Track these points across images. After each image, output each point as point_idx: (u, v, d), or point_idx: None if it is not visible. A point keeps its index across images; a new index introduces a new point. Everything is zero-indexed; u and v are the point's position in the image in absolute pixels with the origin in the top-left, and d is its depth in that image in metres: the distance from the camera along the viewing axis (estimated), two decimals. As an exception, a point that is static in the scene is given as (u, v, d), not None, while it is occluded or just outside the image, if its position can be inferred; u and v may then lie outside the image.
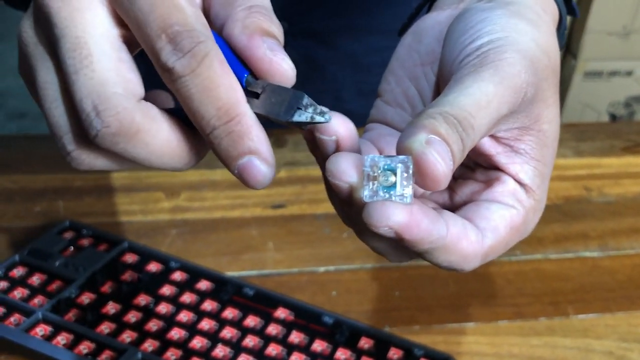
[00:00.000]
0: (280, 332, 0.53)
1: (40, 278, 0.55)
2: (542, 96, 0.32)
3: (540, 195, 0.33)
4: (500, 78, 0.30)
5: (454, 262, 0.30)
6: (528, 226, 0.33)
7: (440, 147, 0.27)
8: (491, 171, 0.34)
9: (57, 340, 0.50)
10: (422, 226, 0.27)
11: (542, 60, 0.32)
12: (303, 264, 0.62)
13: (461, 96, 0.29)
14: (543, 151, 0.32)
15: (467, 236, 0.30)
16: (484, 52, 0.31)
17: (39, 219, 0.64)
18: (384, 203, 0.26)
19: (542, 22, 0.34)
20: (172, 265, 0.58)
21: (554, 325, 0.57)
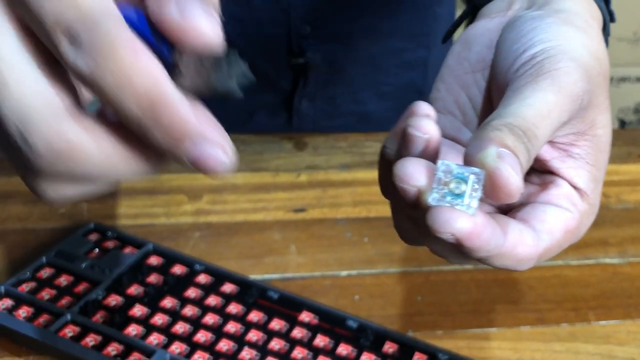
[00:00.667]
0: (305, 336, 0.53)
1: (67, 279, 0.56)
2: (596, 102, 0.32)
3: (594, 199, 0.34)
4: (558, 87, 0.30)
5: (509, 265, 0.31)
6: (581, 230, 0.34)
7: (511, 160, 0.27)
8: (546, 175, 0.34)
9: (85, 341, 0.51)
10: (483, 236, 0.28)
11: (595, 67, 0.32)
12: (325, 268, 0.62)
13: (523, 107, 0.30)
14: (597, 156, 0.33)
15: (524, 241, 0.30)
16: (539, 61, 0.32)
17: (64, 221, 0.65)
18: (450, 209, 0.27)
19: (591, 29, 0.35)
20: (196, 268, 0.58)
21: (576, 332, 0.58)
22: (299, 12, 0.73)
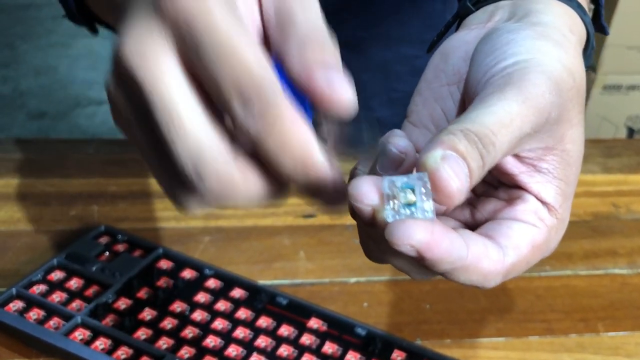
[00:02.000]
0: (314, 343, 0.53)
1: (77, 282, 0.56)
2: (567, 117, 0.32)
3: (563, 214, 0.33)
4: (524, 98, 0.30)
5: (475, 280, 0.30)
6: (550, 244, 0.33)
7: (455, 163, 0.27)
8: (513, 190, 0.34)
9: (95, 345, 0.51)
10: (443, 246, 0.27)
11: (568, 82, 0.32)
12: (334, 274, 0.62)
13: (484, 114, 0.29)
14: (566, 170, 0.33)
15: (488, 255, 0.30)
16: (508, 72, 0.31)
17: (74, 223, 0.65)
18: (405, 221, 0.27)
19: (568, 44, 0.34)
20: (206, 273, 0.58)
21: (585, 342, 0.58)
22: None
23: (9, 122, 2.49)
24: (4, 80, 2.74)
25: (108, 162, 0.74)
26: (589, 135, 1.32)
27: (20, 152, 0.75)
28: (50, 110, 2.57)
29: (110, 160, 0.74)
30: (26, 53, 2.93)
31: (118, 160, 0.74)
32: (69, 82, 2.75)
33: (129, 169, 0.73)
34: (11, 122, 2.49)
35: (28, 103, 2.60)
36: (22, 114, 2.54)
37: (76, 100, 2.64)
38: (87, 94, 2.67)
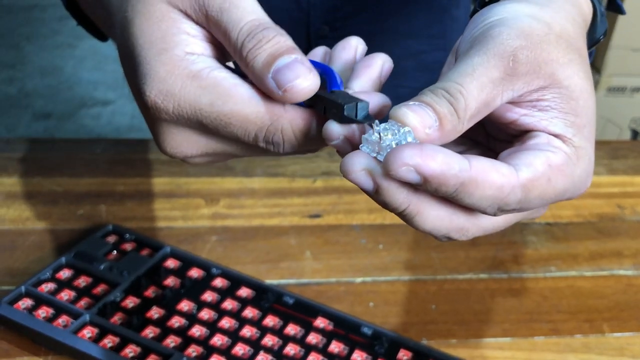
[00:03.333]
0: (320, 342, 0.54)
1: (85, 281, 0.56)
2: (549, 57, 0.32)
3: (580, 142, 0.32)
4: (484, 49, 0.32)
5: (492, 196, 0.30)
6: (575, 171, 0.32)
7: (416, 107, 0.30)
8: (524, 134, 0.34)
9: (103, 342, 0.51)
10: (439, 159, 0.28)
11: (539, 28, 0.33)
12: (340, 274, 0.63)
13: (450, 73, 0.32)
14: (571, 104, 0.33)
15: (497, 169, 0.30)
16: (474, 36, 0.33)
17: (82, 222, 0.66)
18: (394, 149, 0.28)
19: (549, 3, 0.35)
20: (213, 272, 0.59)
21: (590, 343, 0.58)
22: (318, 12, 0.74)
23: (15, 122, 2.50)
24: (9, 80, 2.74)
25: (115, 162, 0.75)
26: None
27: (29, 152, 0.75)
28: (55, 110, 2.57)
29: (117, 160, 0.75)
30: (32, 54, 2.94)
31: (125, 160, 0.75)
32: (74, 83, 2.76)
33: (136, 168, 0.73)
34: (17, 123, 2.50)
35: (34, 103, 2.60)
36: (27, 115, 2.54)
37: (81, 100, 2.64)
38: (92, 94, 2.68)
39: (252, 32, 0.32)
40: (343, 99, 0.32)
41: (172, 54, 0.33)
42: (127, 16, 0.34)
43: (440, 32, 0.81)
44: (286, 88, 0.31)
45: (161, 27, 0.33)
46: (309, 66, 0.32)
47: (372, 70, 0.35)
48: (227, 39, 0.33)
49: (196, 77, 0.33)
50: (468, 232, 0.32)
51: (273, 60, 0.32)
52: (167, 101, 0.33)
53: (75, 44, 2.98)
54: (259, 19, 0.33)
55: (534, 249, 0.68)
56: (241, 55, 0.32)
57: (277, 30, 0.33)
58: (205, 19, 0.34)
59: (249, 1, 0.33)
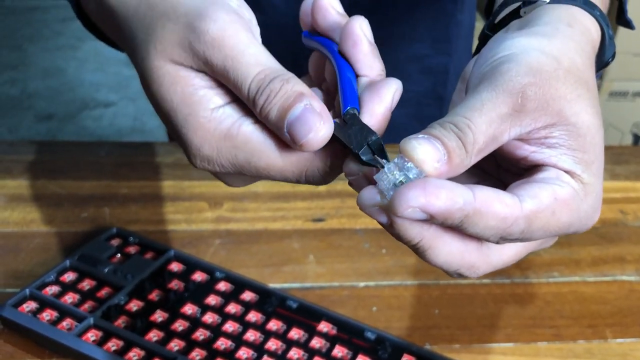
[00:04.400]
0: (324, 346, 0.54)
1: (90, 284, 0.57)
2: (557, 94, 0.33)
3: (588, 179, 0.33)
4: (493, 86, 0.32)
5: (495, 227, 0.30)
6: (581, 206, 0.32)
7: (423, 140, 0.30)
8: (534, 168, 0.34)
9: (107, 346, 0.51)
10: (442, 196, 0.29)
11: (548, 63, 0.33)
12: (343, 278, 0.63)
13: (458, 108, 0.32)
14: (578, 141, 0.33)
15: (501, 199, 0.30)
16: (483, 72, 0.34)
17: (86, 224, 0.66)
18: (400, 190, 0.29)
19: (557, 33, 0.36)
20: (217, 276, 0.59)
21: (593, 349, 0.58)
22: None
23: (17, 123, 2.50)
24: (12, 82, 2.75)
25: (119, 165, 0.75)
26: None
27: (33, 154, 0.75)
28: (57, 112, 2.58)
29: (121, 163, 0.75)
30: (34, 55, 2.94)
31: (129, 163, 0.75)
32: (76, 84, 2.76)
33: (140, 171, 0.74)
34: (19, 124, 2.50)
35: (36, 105, 2.61)
36: (29, 116, 2.55)
37: (83, 102, 2.65)
38: (94, 96, 2.69)
39: (260, 87, 0.33)
40: (356, 138, 0.33)
41: (199, 118, 0.34)
42: (141, 75, 0.36)
43: (444, 37, 0.81)
44: (302, 144, 0.32)
45: (177, 91, 0.34)
46: (319, 111, 0.32)
47: (383, 103, 0.35)
48: (239, 93, 0.34)
49: (228, 138, 0.34)
50: (479, 270, 0.33)
51: (285, 113, 0.32)
52: (210, 165, 0.35)
53: (77, 45, 2.98)
54: (263, 70, 0.33)
55: (537, 255, 0.68)
56: (256, 111, 0.34)
57: (283, 76, 0.33)
58: (212, 73, 0.34)
59: (250, 51, 0.34)
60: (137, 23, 0.37)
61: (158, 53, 0.35)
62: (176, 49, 0.34)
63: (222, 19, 0.34)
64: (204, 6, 0.34)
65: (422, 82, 0.84)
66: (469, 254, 0.32)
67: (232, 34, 0.33)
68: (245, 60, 0.33)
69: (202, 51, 0.34)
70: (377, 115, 0.34)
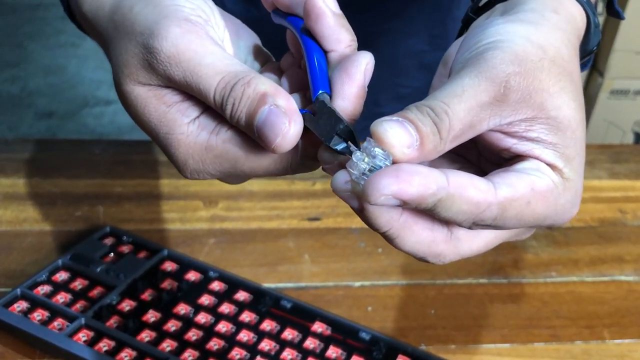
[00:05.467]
0: (317, 347, 0.53)
1: (82, 283, 0.56)
2: (541, 86, 0.32)
3: (570, 174, 0.32)
4: (476, 72, 0.31)
5: (468, 211, 0.30)
6: (558, 200, 0.32)
7: (395, 123, 0.30)
8: (515, 158, 0.34)
9: (99, 346, 0.51)
10: (415, 183, 0.28)
11: (534, 53, 0.32)
12: (339, 278, 0.62)
13: (438, 92, 0.31)
14: (558, 135, 0.32)
15: (475, 185, 0.30)
16: (467, 57, 0.33)
17: (80, 223, 0.65)
18: (373, 178, 0.28)
19: (544, 21, 0.35)
20: (210, 275, 0.58)
21: (591, 350, 0.57)
22: None
23: (17, 121, 2.50)
24: (12, 79, 2.75)
25: (114, 163, 0.74)
26: (595, 140, 1.33)
27: (27, 152, 0.75)
28: (58, 109, 2.57)
29: (116, 161, 0.75)
30: (35, 53, 2.94)
31: (124, 161, 0.74)
32: (77, 82, 2.76)
33: (135, 169, 0.73)
34: (19, 122, 2.50)
35: (36, 102, 2.60)
36: (30, 113, 2.54)
37: (84, 100, 2.64)
38: (95, 93, 2.68)
39: (223, 97, 0.33)
40: (325, 127, 0.32)
41: (177, 135, 0.34)
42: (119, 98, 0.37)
43: (441, 33, 0.81)
44: (273, 148, 0.32)
45: (151, 112, 0.35)
46: (285, 109, 0.32)
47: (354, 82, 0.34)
48: (208, 103, 0.34)
49: (209, 149, 0.34)
50: (445, 258, 0.33)
51: (252, 119, 0.32)
52: (200, 175, 0.36)
53: (78, 43, 2.98)
54: (223, 78, 0.33)
55: (534, 254, 0.67)
56: (226, 117, 0.33)
57: (244, 79, 0.33)
58: (178, 87, 0.34)
59: (207, 62, 0.33)
60: (108, 43, 0.38)
61: (126, 77, 0.35)
62: (141, 71, 0.34)
63: (173, 34, 0.33)
64: (155, 22, 0.34)
65: (420, 78, 0.83)
66: (436, 245, 0.32)
67: (185, 47, 0.33)
68: (204, 73, 0.33)
69: (162, 70, 0.34)
70: (350, 96, 0.33)
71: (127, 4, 0.36)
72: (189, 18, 0.34)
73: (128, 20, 0.36)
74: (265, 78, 0.33)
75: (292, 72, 0.38)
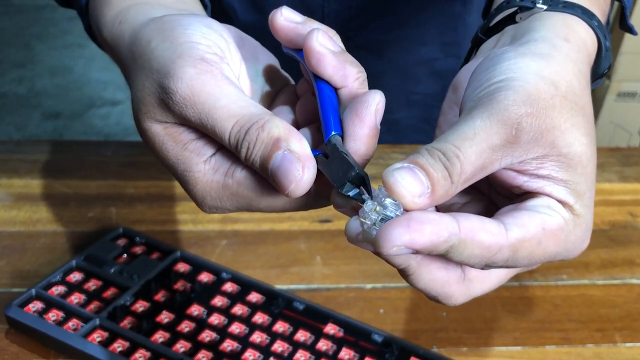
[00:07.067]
0: (330, 349, 0.53)
1: (95, 284, 0.56)
2: (552, 124, 0.32)
3: (580, 211, 0.33)
4: (488, 114, 0.31)
5: (479, 255, 0.30)
6: (569, 237, 0.32)
7: (407, 171, 0.30)
8: (526, 194, 0.34)
9: (113, 347, 0.51)
10: (426, 232, 0.28)
11: (546, 90, 0.32)
12: (350, 280, 0.62)
13: (449, 133, 0.31)
14: (569, 173, 0.33)
15: (486, 229, 0.30)
16: (479, 96, 0.33)
17: (92, 224, 0.66)
18: (384, 229, 0.28)
19: (555, 52, 0.35)
20: (223, 277, 0.59)
21: (602, 353, 0.57)
22: (332, 22, 0.74)
23: (24, 121, 2.51)
24: (19, 80, 2.75)
25: (126, 165, 0.75)
26: (602, 143, 1.32)
27: (39, 154, 0.75)
28: (65, 110, 2.58)
29: (128, 163, 0.75)
30: (42, 53, 2.95)
31: (136, 163, 0.75)
32: (83, 83, 2.77)
33: (146, 171, 0.73)
34: (26, 122, 2.51)
35: (43, 103, 2.61)
36: (37, 114, 2.55)
37: (91, 100, 2.65)
38: (101, 94, 2.69)
39: (238, 141, 0.33)
40: (337, 173, 0.32)
41: (194, 173, 0.35)
42: (139, 133, 0.37)
43: (453, 40, 0.81)
44: (288, 193, 0.32)
45: (169, 150, 0.36)
46: (299, 155, 0.32)
47: (365, 124, 0.34)
48: (223, 144, 0.34)
49: (225, 187, 0.35)
50: (456, 301, 0.34)
51: (266, 164, 0.33)
52: (218, 211, 0.36)
53: (85, 44, 2.99)
54: (238, 122, 0.33)
55: (545, 257, 0.67)
56: (241, 159, 0.34)
57: (258, 123, 0.33)
58: (193, 126, 0.35)
59: (221, 104, 0.33)
60: (128, 73, 0.39)
61: (143, 115, 0.35)
62: (157, 110, 0.35)
63: (188, 76, 0.34)
64: (171, 61, 0.34)
65: (431, 85, 0.83)
66: (449, 285, 0.33)
67: (200, 89, 0.33)
68: (218, 116, 0.33)
69: (178, 111, 0.34)
70: (361, 137, 0.33)
71: (145, 37, 0.37)
72: (204, 57, 0.35)
73: (146, 54, 0.36)
74: (279, 120, 0.33)
75: (307, 99, 0.38)
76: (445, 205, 0.36)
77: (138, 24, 0.38)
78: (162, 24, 0.36)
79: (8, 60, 2.88)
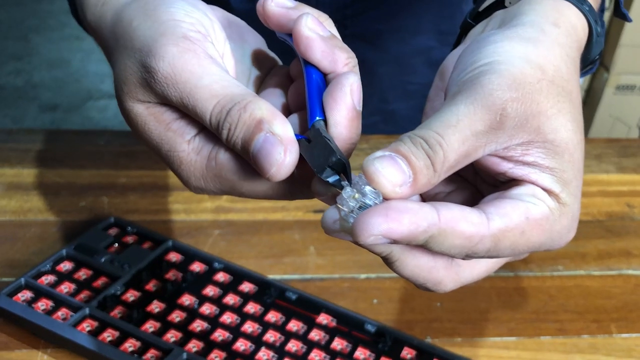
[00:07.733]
0: (323, 338, 0.53)
1: (86, 273, 0.56)
2: (538, 109, 0.31)
3: (566, 199, 0.32)
4: (472, 99, 0.30)
5: (460, 246, 0.29)
6: (554, 226, 0.31)
7: (387, 160, 0.29)
8: (511, 181, 0.33)
9: (103, 336, 0.51)
10: (405, 222, 0.28)
11: (532, 75, 0.32)
12: (344, 270, 0.62)
13: (432, 120, 0.30)
14: (556, 159, 0.32)
15: (467, 218, 0.29)
16: (463, 80, 0.32)
17: (84, 213, 0.65)
18: (361, 217, 0.28)
19: (543, 37, 0.34)
20: (215, 266, 0.58)
21: (597, 344, 0.57)
22: (327, 11, 0.73)
23: (22, 114, 2.50)
24: (17, 72, 2.74)
25: (119, 154, 0.74)
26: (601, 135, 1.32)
27: (31, 143, 0.74)
28: (62, 102, 2.57)
29: (121, 152, 0.74)
30: (39, 46, 2.94)
31: (129, 152, 0.74)
32: (81, 75, 2.76)
33: (139, 160, 0.73)
34: (24, 114, 2.50)
35: (41, 95, 2.60)
36: (34, 106, 2.54)
37: (88, 93, 2.64)
38: (99, 87, 2.68)
39: (219, 121, 0.32)
40: (318, 158, 0.32)
41: (178, 152, 0.34)
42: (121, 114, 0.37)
43: (450, 29, 0.80)
44: (269, 177, 0.31)
45: (152, 130, 0.35)
46: (281, 137, 0.31)
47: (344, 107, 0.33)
48: (205, 124, 0.34)
49: (209, 169, 0.34)
50: (445, 287, 0.32)
51: (248, 146, 0.32)
52: (204, 191, 0.36)
53: (82, 36, 2.97)
54: (219, 102, 0.32)
55: (541, 248, 0.67)
56: (222, 140, 0.33)
57: (240, 104, 0.32)
58: (175, 106, 0.34)
59: (203, 84, 0.33)
60: (110, 54, 0.38)
61: (126, 95, 0.35)
62: (139, 89, 0.34)
63: (170, 54, 0.33)
64: (153, 39, 0.33)
65: (428, 75, 0.82)
66: (436, 271, 0.32)
67: (182, 68, 0.33)
68: (200, 96, 0.33)
69: (160, 90, 0.33)
70: (341, 121, 0.33)
71: (127, 16, 0.36)
72: (187, 35, 0.34)
73: (127, 34, 0.35)
74: (262, 102, 0.32)
75: (300, 83, 0.37)
76: (429, 194, 0.36)
77: (120, 5, 0.37)
78: (144, 3, 0.36)
79: (5, 52, 2.87)
